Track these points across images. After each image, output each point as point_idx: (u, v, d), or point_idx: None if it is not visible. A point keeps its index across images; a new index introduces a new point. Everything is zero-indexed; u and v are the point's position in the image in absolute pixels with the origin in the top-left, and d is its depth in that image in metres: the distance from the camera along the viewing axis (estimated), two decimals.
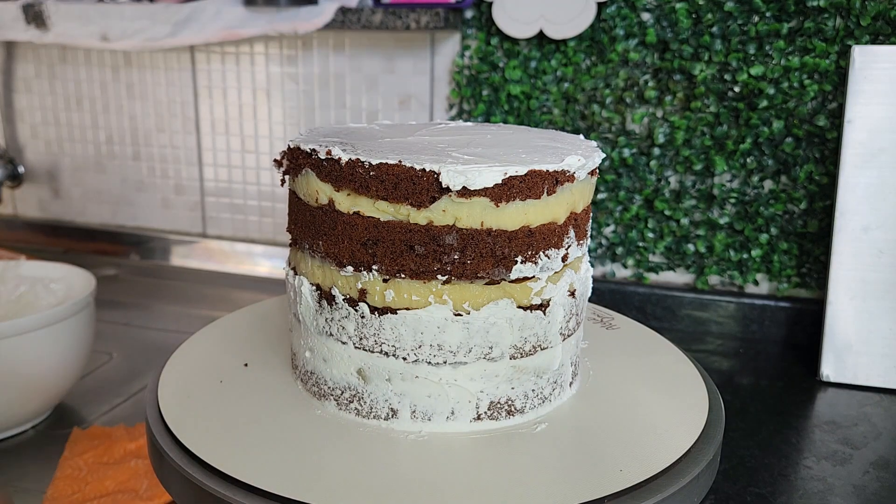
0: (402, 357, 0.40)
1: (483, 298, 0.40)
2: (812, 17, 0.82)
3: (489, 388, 0.41)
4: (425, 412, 0.41)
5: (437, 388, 0.41)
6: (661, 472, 0.37)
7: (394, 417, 0.41)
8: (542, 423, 0.42)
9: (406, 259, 0.39)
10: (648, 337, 0.54)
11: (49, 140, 1.21)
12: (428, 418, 0.41)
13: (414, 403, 0.41)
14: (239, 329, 0.53)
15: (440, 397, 0.41)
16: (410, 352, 0.40)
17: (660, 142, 0.89)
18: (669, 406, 0.44)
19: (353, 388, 0.42)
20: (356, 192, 0.39)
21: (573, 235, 0.42)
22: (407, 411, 0.41)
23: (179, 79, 1.11)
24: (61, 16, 1.05)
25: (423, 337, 0.40)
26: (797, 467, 0.63)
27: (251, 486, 0.35)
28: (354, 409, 0.42)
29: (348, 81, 1.03)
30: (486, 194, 0.37)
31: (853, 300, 0.78)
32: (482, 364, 0.41)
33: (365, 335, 0.41)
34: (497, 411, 0.42)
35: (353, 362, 0.42)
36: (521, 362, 0.42)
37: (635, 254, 0.94)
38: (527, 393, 0.42)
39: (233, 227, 1.15)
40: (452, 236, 0.38)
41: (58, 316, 0.65)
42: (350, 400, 0.42)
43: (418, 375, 0.40)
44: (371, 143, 0.42)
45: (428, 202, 0.38)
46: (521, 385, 0.42)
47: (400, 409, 0.41)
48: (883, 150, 0.76)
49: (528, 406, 0.43)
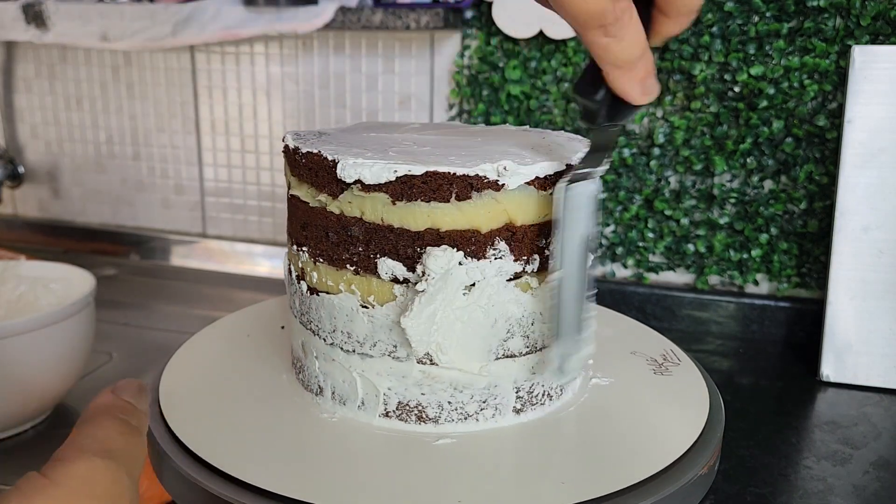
0: (323, 338, 0.42)
1: (387, 295, 0.39)
2: (812, 17, 0.82)
3: (397, 387, 0.40)
4: (341, 396, 0.42)
5: (348, 376, 0.41)
6: (661, 471, 0.37)
7: (320, 395, 0.43)
8: (449, 437, 0.40)
9: (324, 245, 0.41)
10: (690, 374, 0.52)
11: (49, 140, 1.21)
12: (343, 402, 0.42)
13: (333, 385, 0.42)
14: (239, 329, 0.53)
15: (351, 384, 0.41)
16: (328, 334, 0.42)
17: (660, 142, 0.89)
18: (669, 406, 0.44)
19: (300, 361, 0.45)
20: (299, 178, 0.41)
21: (505, 249, 0.39)
22: (328, 391, 0.43)
23: (179, 79, 1.11)
24: (61, 16, 1.05)
25: (336, 322, 0.41)
26: (797, 467, 0.63)
27: (252, 487, 0.35)
28: (301, 381, 0.45)
29: (348, 81, 1.03)
30: (385, 190, 0.37)
31: (853, 300, 0.78)
32: (388, 361, 0.40)
33: (303, 311, 0.43)
34: (406, 413, 0.41)
35: (298, 335, 0.44)
36: (431, 369, 0.40)
37: (635, 254, 0.94)
38: (441, 403, 0.40)
39: (233, 227, 1.15)
40: (358, 228, 0.39)
41: (58, 316, 0.65)
42: (299, 371, 0.45)
43: (335, 359, 0.42)
44: (333, 137, 0.44)
45: (338, 192, 0.39)
46: (433, 393, 0.40)
47: (324, 388, 0.43)
48: (883, 150, 0.76)
49: (444, 417, 0.41)
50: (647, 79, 0.34)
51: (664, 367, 0.50)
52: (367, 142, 0.43)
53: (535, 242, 0.40)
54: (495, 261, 0.39)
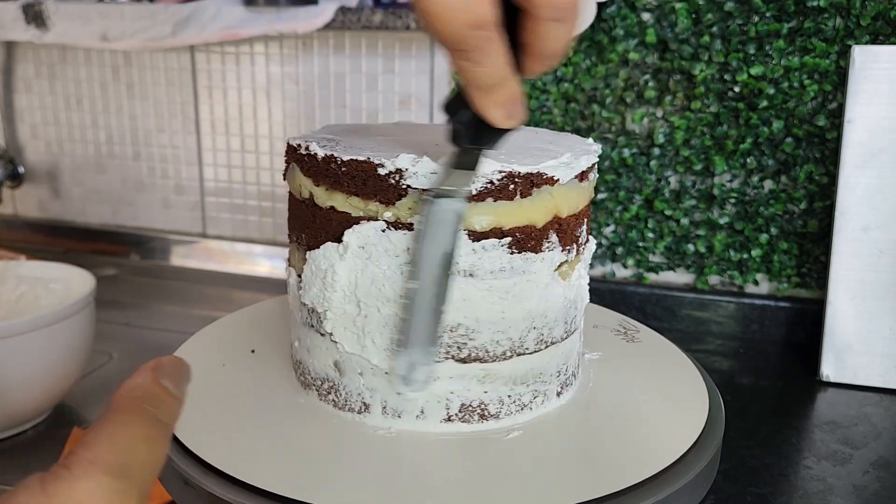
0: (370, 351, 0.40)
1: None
2: (812, 17, 0.82)
3: (460, 389, 0.41)
4: (395, 409, 0.41)
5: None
6: (661, 472, 0.37)
7: (366, 412, 0.41)
8: (516, 430, 0.41)
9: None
10: (655, 340, 0.54)
11: (49, 140, 1.21)
12: (398, 415, 0.41)
13: (384, 399, 0.41)
14: (239, 329, 0.53)
15: (406, 395, 0.41)
16: (382, 349, 0.40)
17: (660, 142, 0.89)
18: (669, 406, 0.44)
19: (331, 380, 0.42)
20: (332, 187, 0.39)
21: (555, 240, 0.41)
22: (378, 407, 0.41)
23: (179, 79, 1.11)
24: (61, 16, 1.05)
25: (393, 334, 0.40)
26: (797, 467, 0.63)
27: (252, 487, 0.35)
28: (332, 401, 0.42)
29: (348, 81, 1.03)
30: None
31: (853, 300, 0.78)
32: (451, 364, 0.40)
33: (344, 328, 0.41)
34: (469, 414, 0.41)
35: (331, 354, 0.42)
36: (491, 367, 0.41)
37: (635, 254, 0.94)
38: (501, 398, 0.41)
39: (233, 227, 1.15)
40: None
41: (58, 316, 0.64)
42: (328, 391, 0.43)
43: (388, 372, 0.40)
44: (356, 141, 0.43)
45: (395, 199, 0.38)
46: (494, 390, 0.41)
47: (372, 404, 0.41)
48: (883, 150, 0.76)
49: (504, 412, 0.42)
50: (510, 104, 0.35)
51: (629, 335, 0.54)
52: (397, 144, 0.42)
53: (574, 232, 0.42)
54: (549, 253, 0.41)
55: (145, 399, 0.29)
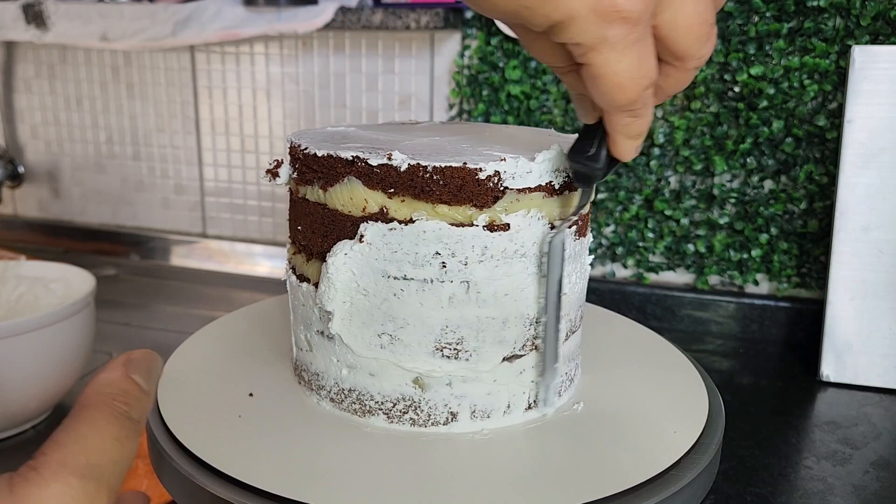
0: (465, 359, 0.40)
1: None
2: (812, 17, 0.82)
3: (536, 376, 0.43)
4: (484, 411, 0.42)
5: (493, 386, 0.41)
6: (662, 472, 0.37)
7: (453, 421, 0.41)
8: (577, 403, 0.44)
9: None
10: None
11: (49, 140, 1.21)
12: (487, 416, 0.42)
13: (473, 404, 0.41)
14: (238, 329, 0.53)
15: (495, 394, 0.41)
16: (470, 353, 0.40)
17: (660, 142, 0.89)
18: (669, 406, 0.44)
19: (409, 399, 0.41)
20: (415, 197, 0.38)
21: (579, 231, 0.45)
22: (467, 412, 0.41)
23: (179, 79, 1.11)
24: (61, 16, 1.05)
25: (486, 335, 0.41)
26: (797, 467, 0.63)
27: (253, 487, 0.35)
28: (409, 420, 0.42)
29: (348, 81, 1.03)
30: (541, 189, 0.39)
31: (853, 300, 0.78)
32: (533, 354, 0.42)
33: (429, 336, 0.41)
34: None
35: (410, 373, 0.41)
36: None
37: (635, 254, 0.94)
38: (564, 380, 0.45)
39: (233, 227, 1.15)
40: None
41: (58, 316, 0.65)
42: (404, 411, 0.42)
43: (477, 376, 0.41)
44: (400, 146, 0.42)
45: (492, 202, 0.38)
46: (560, 373, 0.44)
47: (460, 412, 0.41)
48: (883, 150, 0.76)
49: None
50: (641, 143, 0.36)
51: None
52: (444, 148, 0.42)
53: (586, 224, 0.45)
54: (584, 240, 0.44)
55: (116, 396, 0.29)
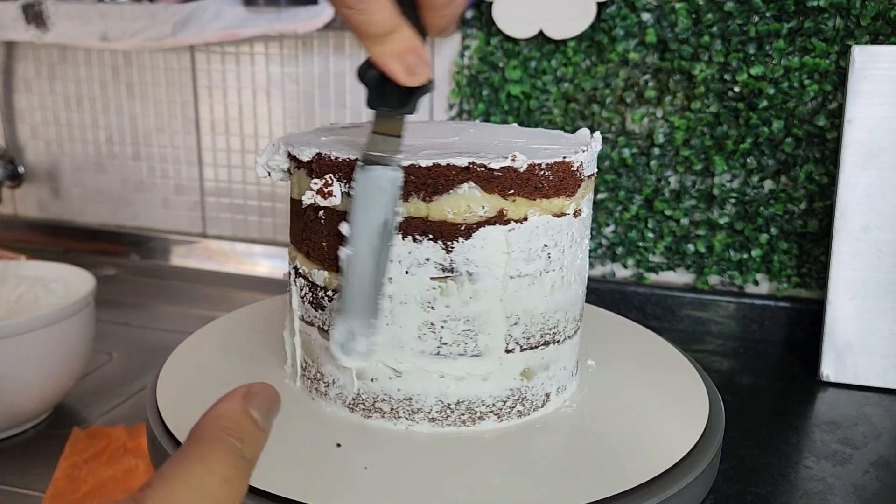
0: (559, 340, 0.43)
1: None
2: (812, 17, 0.82)
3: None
4: (562, 385, 0.44)
5: (570, 359, 0.45)
6: (662, 473, 0.37)
7: (548, 402, 0.44)
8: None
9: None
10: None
11: (49, 140, 1.21)
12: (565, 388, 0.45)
13: (559, 381, 0.44)
14: (238, 329, 0.53)
15: (566, 370, 0.44)
16: (561, 330, 0.43)
17: (660, 142, 0.89)
18: (669, 407, 0.44)
19: (517, 392, 0.42)
20: (530, 196, 0.39)
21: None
22: (554, 392, 0.44)
23: (179, 79, 1.11)
24: (61, 16, 1.05)
25: (563, 324, 0.44)
26: (797, 467, 0.63)
27: (252, 488, 0.35)
28: (517, 412, 0.42)
29: (348, 81, 1.03)
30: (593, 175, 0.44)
31: (853, 300, 0.78)
32: (575, 338, 0.45)
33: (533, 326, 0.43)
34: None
35: (518, 365, 0.42)
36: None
37: (635, 254, 0.94)
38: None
39: (233, 227, 1.15)
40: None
41: (58, 316, 0.64)
42: (513, 405, 0.42)
43: (560, 352, 0.44)
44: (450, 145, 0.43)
45: (576, 190, 0.41)
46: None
47: (551, 392, 0.44)
48: (883, 150, 0.76)
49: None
50: (407, 57, 0.36)
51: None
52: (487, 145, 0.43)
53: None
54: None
55: (231, 431, 0.26)
